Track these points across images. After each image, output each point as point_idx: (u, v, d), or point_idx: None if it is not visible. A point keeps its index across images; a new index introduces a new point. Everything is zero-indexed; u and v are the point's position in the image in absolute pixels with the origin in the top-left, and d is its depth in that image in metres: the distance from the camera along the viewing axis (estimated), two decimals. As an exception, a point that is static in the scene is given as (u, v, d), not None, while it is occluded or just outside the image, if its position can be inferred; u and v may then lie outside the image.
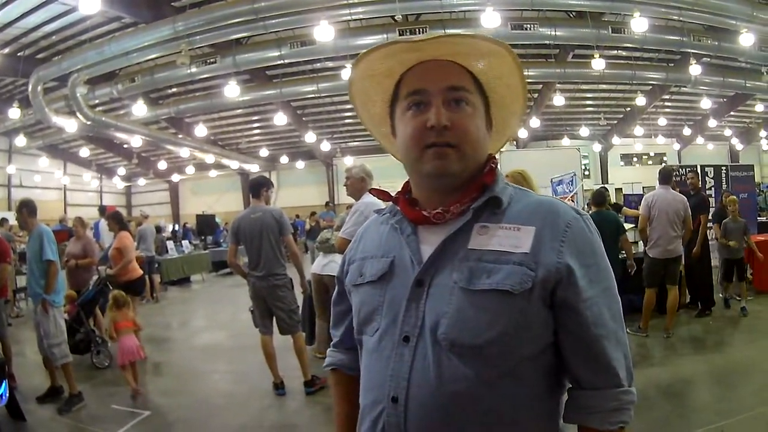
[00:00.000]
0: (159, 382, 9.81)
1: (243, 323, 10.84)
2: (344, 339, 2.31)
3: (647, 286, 10.62)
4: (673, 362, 9.19)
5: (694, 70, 21.73)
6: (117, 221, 12.18)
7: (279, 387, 8.60)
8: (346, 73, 20.74)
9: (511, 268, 1.74)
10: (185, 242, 27.04)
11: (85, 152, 39.73)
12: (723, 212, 12.42)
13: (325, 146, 37.76)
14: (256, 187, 8.78)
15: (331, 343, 2.41)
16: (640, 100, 29.03)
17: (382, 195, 2.20)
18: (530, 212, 1.85)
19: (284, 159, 42.63)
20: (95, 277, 11.65)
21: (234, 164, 40.74)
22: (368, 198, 7.81)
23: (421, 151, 1.84)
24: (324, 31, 16.28)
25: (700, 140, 40.22)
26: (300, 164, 43.29)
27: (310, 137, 33.95)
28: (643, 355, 9.62)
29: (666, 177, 10.69)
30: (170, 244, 24.38)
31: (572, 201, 18.03)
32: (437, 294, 1.80)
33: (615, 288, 1.87)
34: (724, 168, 18.46)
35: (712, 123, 35.13)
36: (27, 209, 8.57)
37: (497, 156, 2.04)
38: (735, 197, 12.67)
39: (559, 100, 26.64)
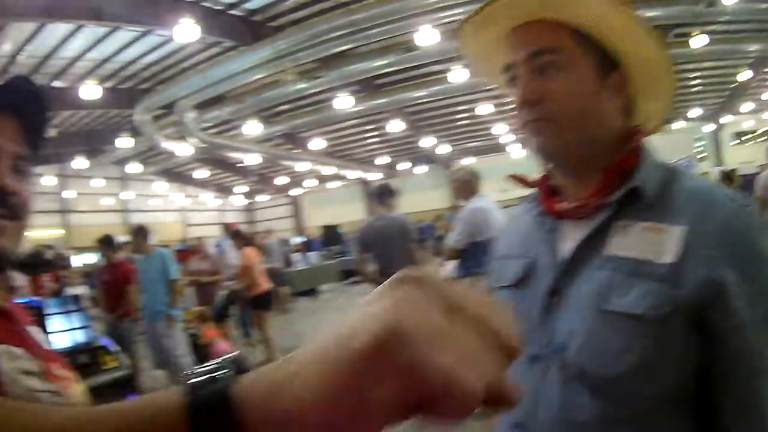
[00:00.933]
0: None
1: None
2: None
3: None
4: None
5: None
6: (242, 238, 12.65)
7: None
8: (453, 75, 20.93)
9: (648, 286, 1.43)
10: (312, 254, 27.74)
11: (201, 173, 41.42)
12: None
13: (443, 149, 37.81)
14: (380, 195, 8.91)
15: None
16: (745, 74, 27.55)
17: (521, 182, 1.91)
18: (681, 205, 1.50)
19: (403, 165, 42.72)
20: (221, 293, 12.20)
21: (354, 174, 41.09)
22: (475, 203, 7.56)
23: (524, 130, 1.63)
24: (426, 36, 16.28)
25: (811, 111, 37.82)
26: (419, 169, 43.48)
27: (426, 142, 34.22)
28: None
29: None
30: (297, 256, 25.14)
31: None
32: (570, 308, 1.57)
33: None
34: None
35: (819, 91, 32.74)
36: (142, 234, 9.26)
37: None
38: None
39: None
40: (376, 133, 35.66)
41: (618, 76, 1.60)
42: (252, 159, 31.93)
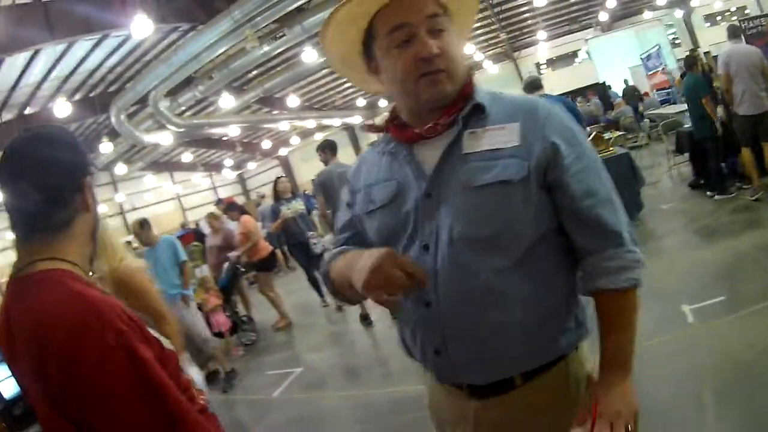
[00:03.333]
0: (306, 341, 10.99)
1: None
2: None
3: (743, 146, 10.42)
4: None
5: None
6: (235, 209, 13.62)
7: None
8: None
9: (506, 161, 1.96)
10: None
11: (187, 157, 42.08)
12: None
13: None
14: (332, 148, 10.43)
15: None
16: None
17: (373, 128, 2.40)
18: (511, 112, 2.06)
19: (383, 103, 42.37)
20: (226, 264, 12.60)
21: (336, 122, 41.16)
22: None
23: (416, 82, 2.00)
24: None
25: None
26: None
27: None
28: (750, 219, 9.59)
29: (734, 32, 10.61)
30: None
31: (664, 73, 17.83)
32: (446, 200, 2.02)
33: (600, 162, 2.11)
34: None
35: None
36: (147, 226, 9.60)
37: None
38: None
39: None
40: (349, 77, 35.76)
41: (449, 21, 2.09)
42: (233, 130, 32.32)
